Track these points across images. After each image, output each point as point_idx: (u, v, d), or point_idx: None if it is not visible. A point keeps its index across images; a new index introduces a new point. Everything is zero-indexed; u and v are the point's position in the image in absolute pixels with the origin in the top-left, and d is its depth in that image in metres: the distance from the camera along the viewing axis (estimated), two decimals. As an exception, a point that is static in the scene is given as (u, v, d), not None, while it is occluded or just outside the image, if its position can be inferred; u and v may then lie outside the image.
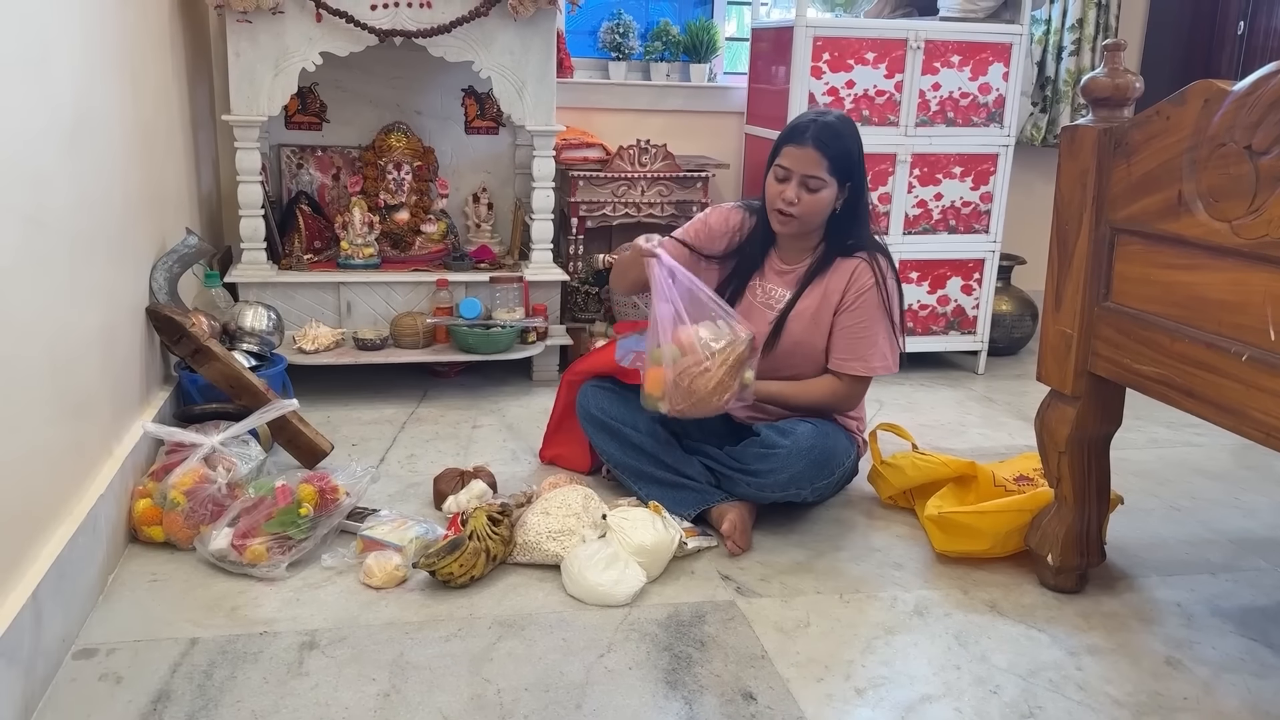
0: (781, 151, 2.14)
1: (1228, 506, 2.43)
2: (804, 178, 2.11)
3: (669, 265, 2.05)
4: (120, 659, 1.64)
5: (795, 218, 2.14)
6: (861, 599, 1.94)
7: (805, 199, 2.12)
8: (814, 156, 2.09)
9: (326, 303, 3.05)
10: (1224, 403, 1.57)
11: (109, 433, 2.01)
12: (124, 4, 2.23)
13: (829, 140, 2.09)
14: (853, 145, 2.14)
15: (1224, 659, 1.78)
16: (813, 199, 2.12)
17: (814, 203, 2.13)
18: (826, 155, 2.09)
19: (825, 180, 2.11)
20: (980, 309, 3.48)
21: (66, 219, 1.79)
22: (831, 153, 2.09)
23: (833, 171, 2.11)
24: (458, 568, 1.87)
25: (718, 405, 2.03)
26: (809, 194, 2.12)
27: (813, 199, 2.12)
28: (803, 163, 2.10)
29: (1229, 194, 1.52)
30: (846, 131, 2.14)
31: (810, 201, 2.12)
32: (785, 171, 2.13)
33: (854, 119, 3.16)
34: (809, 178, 2.11)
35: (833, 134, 2.10)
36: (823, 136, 2.09)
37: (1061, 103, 3.91)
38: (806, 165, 2.10)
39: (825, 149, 2.09)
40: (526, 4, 2.84)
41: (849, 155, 2.13)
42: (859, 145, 2.16)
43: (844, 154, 2.12)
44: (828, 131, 2.10)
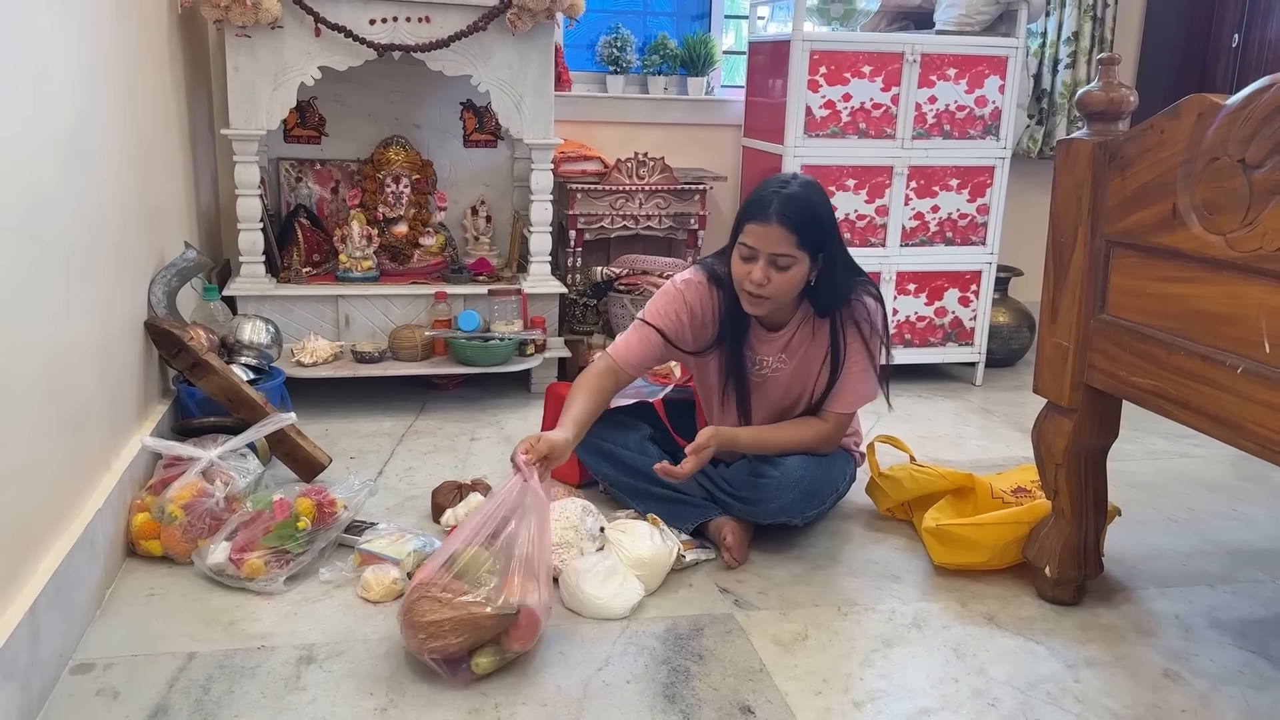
0: (744, 229, 1.98)
1: (1225, 518, 2.43)
2: (772, 256, 1.95)
3: (534, 488, 1.75)
4: (118, 674, 1.64)
5: (768, 299, 2.00)
6: (859, 612, 1.94)
7: (775, 278, 1.96)
8: (780, 233, 1.93)
9: (325, 316, 3.05)
10: (1220, 415, 1.58)
11: (107, 446, 2.01)
12: (123, 19, 2.24)
13: (794, 214, 1.92)
14: (821, 211, 1.99)
15: (1222, 671, 1.78)
16: (783, 277, 1.97)
17: (785, 281, 1.97)
18: (793, 229, 1.93)
19: (795, 256, 1.95)
20: (977, 321, 3.49)
21: (65, 233, 1.79)
22: (798, 225, 1.93)
23: (802, 245, 1.95)
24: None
25: (416, 644, 1.64)
26: (779, 272, 1.96)
27: (783, 277, 1.97)
28: (769, 241, 1.94)
29: (1223, 207, 1.53)
30: (813, 198, 1.98)
31: (781, 280, 1.97)
32: (750, 250, 1.97)
33: (851, 132, 3.22)
34: (778, 256, 1.95)
35: (797, 206, 1.93)
36: (787, 211, 1.92)
37: (1058, 115, 3.93)
38: (773, 244, 1.94)
39: (790, 223, 1.92)
40: (524, 18, 2.86)
41: (819, 223, 1.97)
42: (828, 209, 2.01)
43: (813, 223, 1.95)
44: (792, 205, 1.93)
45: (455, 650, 1.63)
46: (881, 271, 3.36)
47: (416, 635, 1.64)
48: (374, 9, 2.82)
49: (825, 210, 2.01)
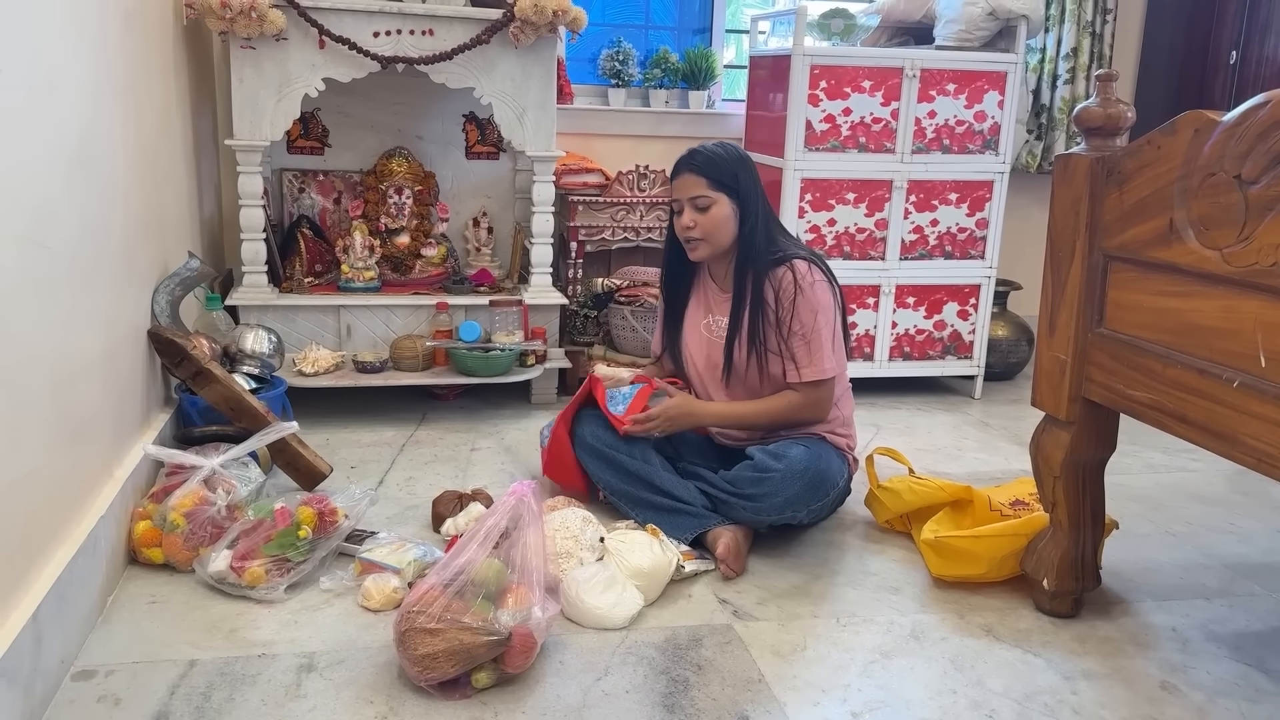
0: (671, 186, 2.27)
1: (1223, 532, 2.44)
2: (691, 200, 2.21)
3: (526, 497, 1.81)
4: (119, 680, 1.65)
5: (702, 239, 2.24)
6: (858, 623, 1.95)
7: (700, 220, 2.22)
8: (690, 179, 2.21)
9: (327, 325, 3.06)
10: (1216, 428, 1.59)
11: (109, 454, 2.02)
12: (129, 30, 2.26)
13: (700, 162, 2.20)
14: (730, 159, 2.22)
15: (1218, 684, 1.79)
16: (707, 217, 2.21)
17: (710, 220, 2.21)
18: (702, 174, 2.19)
19: (711, 196, 2.20)
20: (976, 334, 3.50)
21: (69, 242, 1.81)
22: (706, 170, 2.19)
23: (715, 186, 2.20)
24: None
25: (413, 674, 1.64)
26: (701, 214, 2.21)
27: (707, 217, 2.21)
28: (684, 188, 2.22)
29: (1219, 222, 1.54)
30: (721, 151, 2.23)
31: (706, 220, 2.21)
32: (677, 204, 2.25)
33: (851, 146, 3.24)
34: (695, 199, 2.21)
35: (704, 156, 2.21)
36: (694, 161, 2.21)
37: (1056, 130, 3.95)
38: (688, 189, 2.21)
39: (698, 169, 2.20)
40: (527, 32, 2.88)
41: (725, 166, 2.20)
42: (740, 161, 2.24)
43: (719, 167, 2.20)
44: (698, 156, 2.21)
45: (452, 675, 1.64)
46: (881, 285, 3.37)
47: (412, 668, 1.64)
48: (378, 21, 2.84)
49: (735, 161, 2.23)
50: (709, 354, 2.35)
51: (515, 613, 1.69)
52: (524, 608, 1.70)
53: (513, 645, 1.65)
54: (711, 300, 2.37)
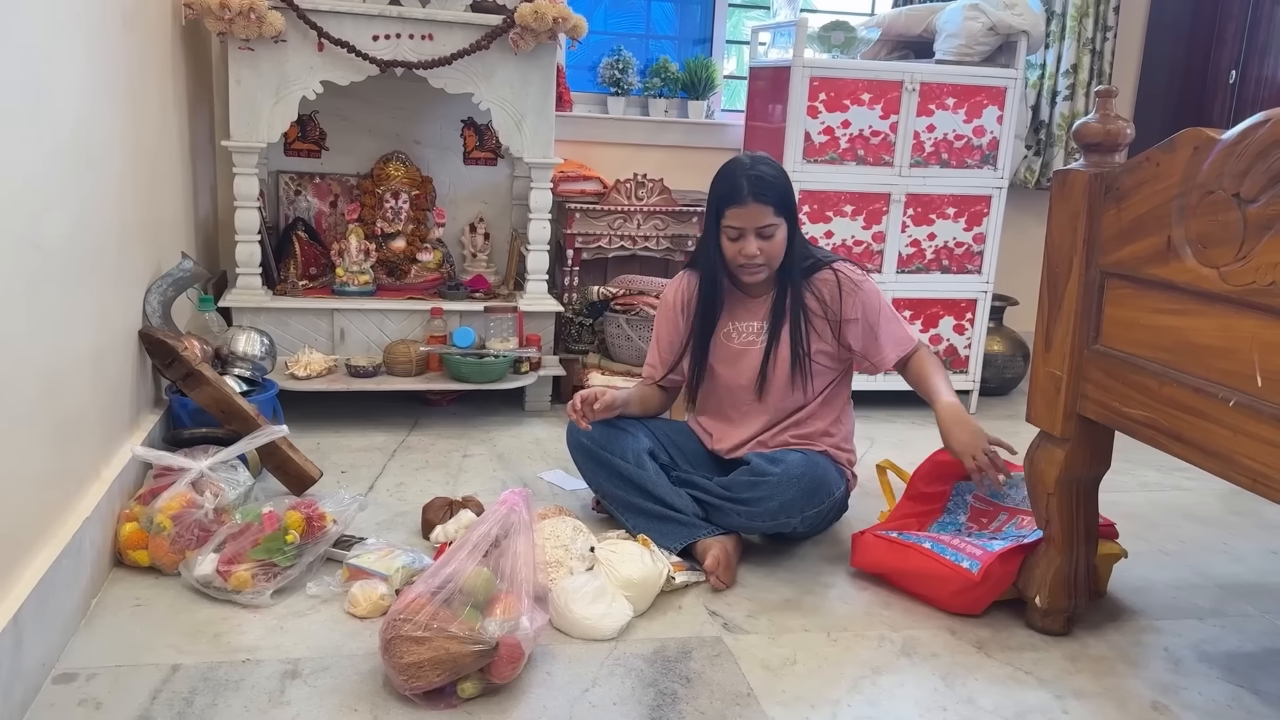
0: (725, 214, 2.20)
1: (1216, 552, 2.43)
2: (758, 230, 2.18)
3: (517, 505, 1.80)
4: (100, 684, 1.63)
5: (764, 265, 2.22)
6: (849, 638, 1.94)
7: (766, 247, 2.20)
8: (758, 209, 2.17)
9: (320, 329, 3.05)
10: (1211, 447, 1.58)
11: (98, 455, 2.01)
12: (127, 30, 2.25)
13: (765, 190, 2.17)
14: (783, 180, 2.22)
15: (1210, 705, 1.77)
16: (771, 244, 2.20)
17: (774, 247, 2.21)
18: (769, 203, 2.17)
19: (776, 223, 2.19)
20: (972, 349, 3.50)
21: (63, 242, 1.80)
22: (772, 198, 2.17)
23: (778, 213, 2.19)
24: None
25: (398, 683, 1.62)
26: (767, 241, 2.20)
27: (771, 244, 2.20)
28: (752, 218, 2.17)
29: (1217, 241, 1.54)
30: (775, 172, 2.22)
31: (771, 247, 2.20)
32: (737, 231, 2.20)
33: (849, 158, 3.24)
34: (763, 228, 2.18)
35: (765, 183, 2.17)
36: (758, 189, 2.16)
37: (1055, 146, 3.96)
38: (757, 219, 2.17)
39: (766, 198, 2.16)
40: (527, 38, 2.87)
41: (785, 192, 2.21)
42: (788, 179, 2.25)
43: (781, 193, 2.20)
44: (761, 183, 2.17)
45: (438, 685, 1.62)
46: (877, 297, 3.36)
47: (398, 676, 1.62)
48: (377, 25, 2.84)
49: (784, 177, 2.25)
50: (736, 361, 2.32)
51: (503, 622, 1.67)
52: (512, 617, 1.68)
53: (500, 655, 1.64)
54: (737, 308, 2.34)
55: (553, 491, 2.56)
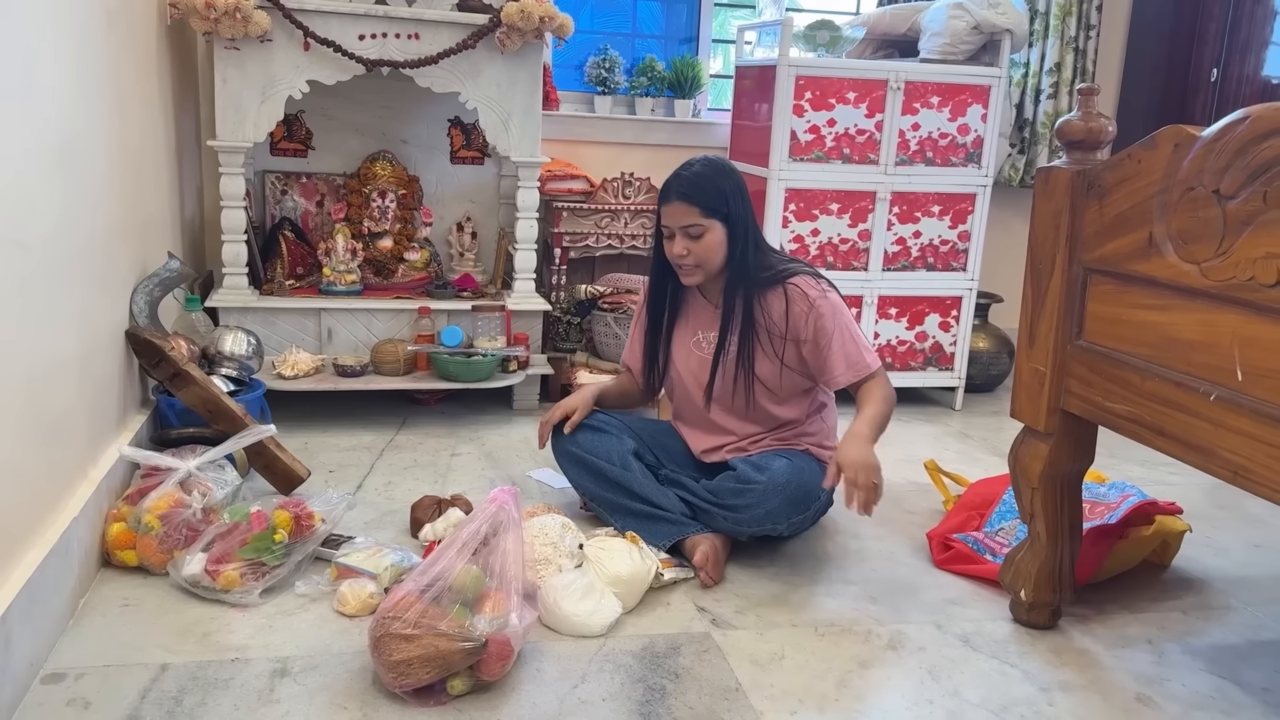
0: (660, 211, 2.22)
1: (1200, 545, 2.45)
2: (684, 229, 2.17)
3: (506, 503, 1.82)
4: (89, 684, 1.63)
5: (696, 266, 2.20)
6: (836, 632, 1.95)
7: (694, 247, 2.17)
8: (681, 208, 2.16)
9: (307, 329, 3.05)
10: (1193, 441, 1.60)
11: (85, 455, 2.00)
12: (112, 29, 2.25)
13: (690, 190, 2.15)
14: (721, 183, 2.17)
15: (1194, 696, 1.79)
16: (700, 245, 2.17)
17: (703, 247, 2.17)
18: (694, 203, 2.15)
19: (703, 224, 2.16)
20: (958, 346, 3.52)
21: (49, 241, 1.79)
22: (697, 198, 2.15)
23: (707, 214, 2.15)
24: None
25: (388, 681, 1.63)
26: (694, 241, 2.17)
27: (700, 245, 2.17)
28: (677, 217, 2.17)
29: (1198, 237, 1.56)
30: (710, 173, 2.18)
31: (700, 248, 2.17)
32: (668, 230, 2.20)
33: (835, 157, 3.25)
34: (688, 228, 2.16)
35: (693, 183, 2.16)
36: (683, 189, 2.16)
37: (1039, 144, 3.98)
38: (679, 217, 2.16)
39: (689, 198, 2.15)
40: (513, 37, 2.88)
41: (718, 193, 2.16)
42: (730, 180, 2.19)
43: (711, 193, 2.15)
44: (687, 183, 2.16)
45: (427, 682, 1.63)
46: (863, 295, 3.38)
47: (387, 674, 1.63)
48: (363, 25, 2.84)
49: (727, 182, 2.19)
50: (697, 371, 2.33)
51: (492, 620, 1.68)
52: (501, 615, 1.69)
53: (489, 652, 1.64)
54: (703, 317, 2.33)
55: (541, 490, 2.56)
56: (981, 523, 2.33)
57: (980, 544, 2.24)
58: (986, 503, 2.37)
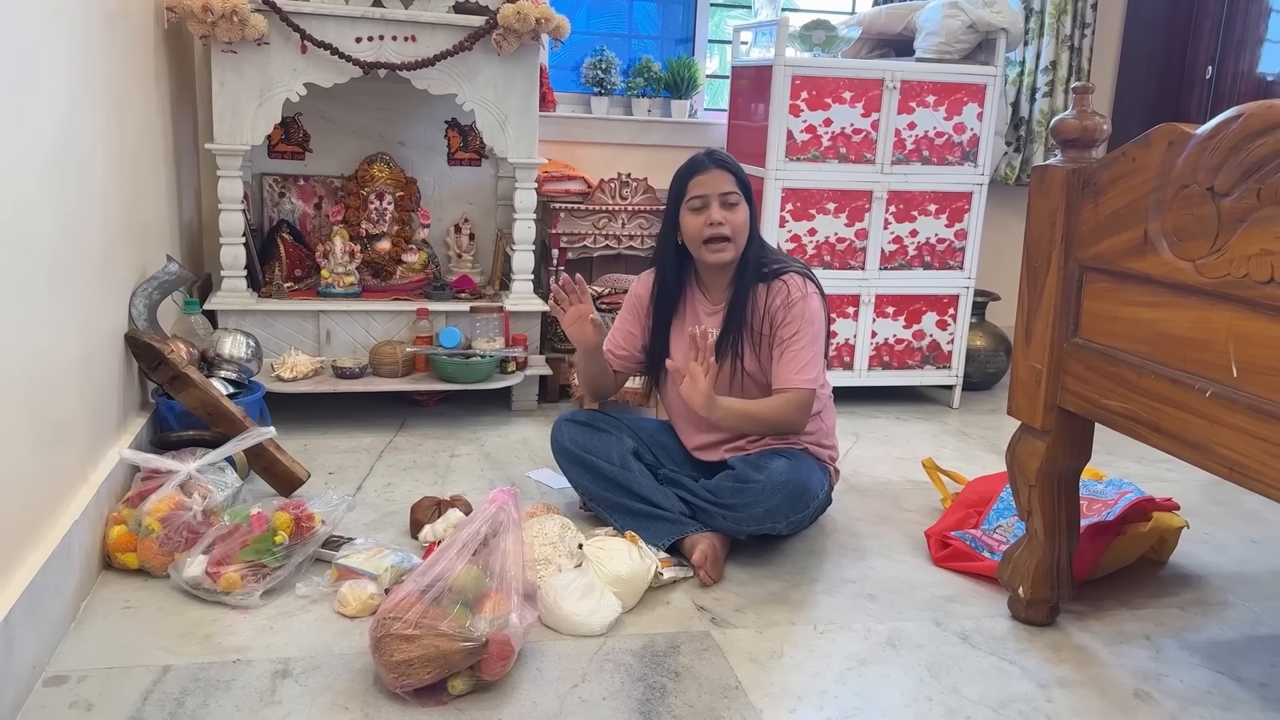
0: (690, 184, 2.19)
1: (1197, 541, 2.46)
2: (722, 196, 2.16)
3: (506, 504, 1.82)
4: (91, 686, 1.63)
5: (730, 239, 2.18)
6: (835, 630, 1.95)
7: (730, 217, 2.17)
8: (720, 175, 2.18)
9: (306, 331, 3.05)
10: (1189, 438, 1.60)
11: (85, 458, 2.01)
12: (109, 33, 2.25)
13: (726, 160, 2.20)
14: (740, 166, 2.23)
15: (1191, 692, 1.80)
16: (735, 215, 2.18)
17: (738, 219, 2.18)
18: (731, 172, 2.19)
19: (738, 194, 2.19)
20: (955, 344, 3.53)
21: (47, 245, 1.80)
22: (734, 169, 2.19)
23: (740, 186, 2.19)
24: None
25: (389, 681, 1.64)
26: (730, 211, 2.17)
27: (735, 215, 2.18)
28: (715, 184, 2.17)
29: (1192, 234, 1.56)
30: (730, 156, 2.24)
31: (735, 219, 2.18)
32: (701, 199, 2.18)
33: (832, 156, 3.26)
34: (726, 194, 2.17)
35: (725, 156, 2.22)
36: (719, 158, 2.20)
37: (1035, 143, 3.99)
38: (719, 184, 2.17)
39: (728, 167, 2.19)
40: (510, 39, 2.88)
41: (741, 171, 2.22)
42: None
43: (740, 171, 2.21)
44: (721, 154, 2.22)
45: (428, 682, 1.63)
46: (861, 294, 3.39)
47: (388, 674, 1.63)
48: (360, 27, 2.84)
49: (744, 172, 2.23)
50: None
51: (492, 620, 1.68)
52: (501, 615, 1.70)
53: (490, 652, 1.65)
54: (700, 313, 2.33)
55: (540, 490, 2.57)
56: (979, 520, 2.34)
57: (978, 541, 2.25)
58: (984, 500, 2.37)
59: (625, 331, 2.42)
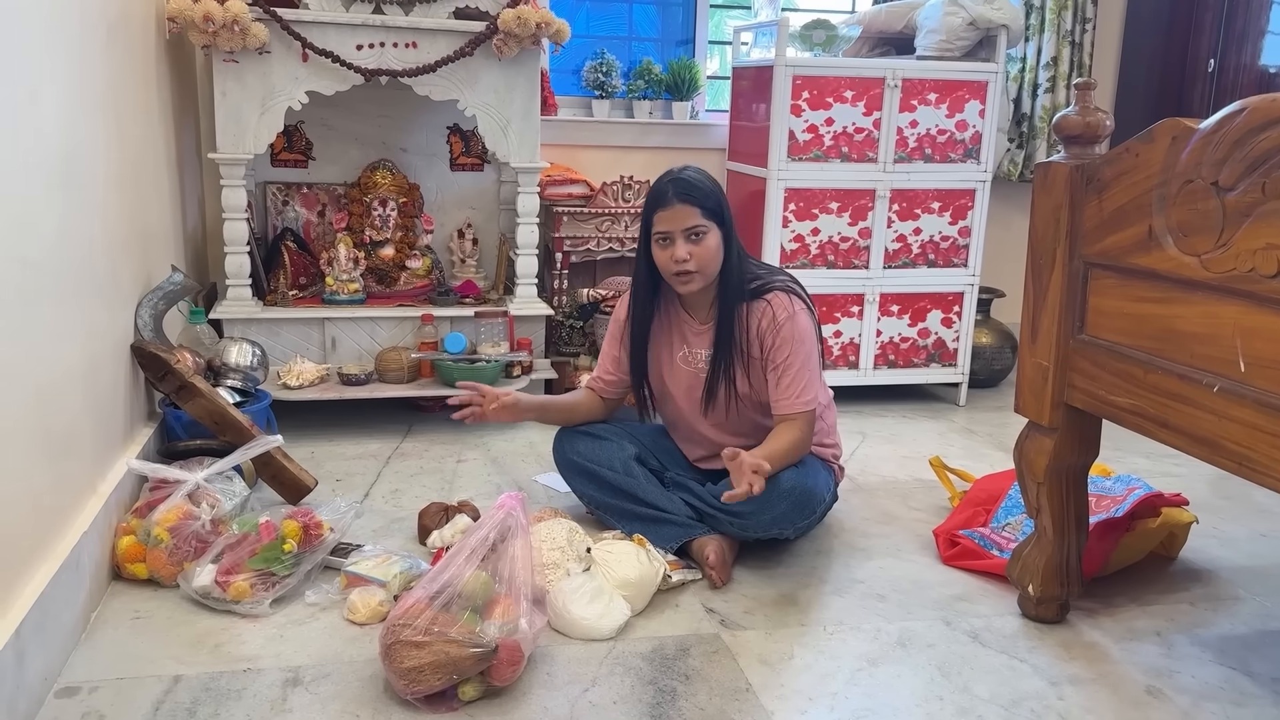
0: (654, 220, 2.15)
1: (1206, 536, 2.46)
2: (686, 232, 2.12)
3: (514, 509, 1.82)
4: (103, 697, 1.64)
5: (696, 272, 2.15)
6: (845, 631, 1.95)
7: (695, 251, 2.13)
8: (684, 209, 2.11)
9: (311, 338, 3.06)
10: (1197, 433, 1.60)
11: (93, 469, 2.01)
12: (111, 43, 2.26)
13: (690, 190, 2.12)
14: (714, 187, 2.17)
15: (1203, 688, 1.80)
16: (701, 248, 2.13)
17: (705, 251, 2.14)
18: (696, 204, 2.12)
19: (706, 225, 2.13)
20: (960, 342, 3.52)
21: (52, 257, 1.80)
22: (699, 199, 2.12)
23: (707, 215, 2.13)
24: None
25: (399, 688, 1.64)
26: (696, 245, 2.13)
27: (701, 248, 2.13)
28: (678, 219, 2.12)
29: (1198, 229, 1.56)
30: (702, 177, 2.17)
31: (701, 251, 2.13)
32: (665, 235, 2.14)
33: (834, 155, 3.25)
34: (691, 229, 2.12)
35: (691, 184, 2.13)
36: (682, 190, 2.12)
37: (1037, 139, 3.98)
38: (683, 220, 2.12)
39: (691, 198, 2.12)
40: (510, 44, 2.89)
41: (714, 196, 2.15)
42: (719, 187, 2.18)
43: (710, 196, 2.14)
44: (685, 184, 2.13)
45: (439, 688, 1.63)
46: (865, 293, 3.39)
47: (398, 681, 1.63)
48: (361, 35, 2.84)
49: (717, 187, 2.19)
50: (689, 386, 2.31)
51: (502, 625, 1.68)
52: (511, 620, 1.70)
53: (500, 658, 1.65)
54: (687, 332, 2.30)
55: (547, 494, 2.57)
56: (988, 518, 2.33)
57: (987, 539, 2.24)
58: (992, 498, 2.37)
59: (612, 357, 2.39)
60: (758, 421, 2.28)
